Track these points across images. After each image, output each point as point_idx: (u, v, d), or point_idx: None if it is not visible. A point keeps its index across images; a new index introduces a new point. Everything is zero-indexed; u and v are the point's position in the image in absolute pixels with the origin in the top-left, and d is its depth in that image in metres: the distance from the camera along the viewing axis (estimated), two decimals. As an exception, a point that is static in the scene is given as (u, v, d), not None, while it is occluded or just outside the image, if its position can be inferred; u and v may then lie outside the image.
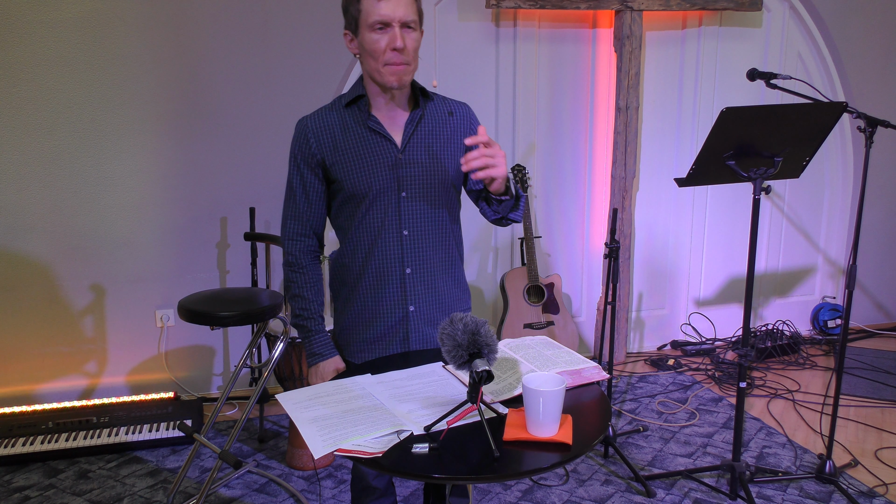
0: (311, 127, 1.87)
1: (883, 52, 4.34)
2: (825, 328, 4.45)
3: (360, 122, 1.86)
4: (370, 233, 1.87)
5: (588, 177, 4.06)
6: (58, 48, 3.25)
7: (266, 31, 3.46)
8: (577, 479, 2.91)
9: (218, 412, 2.76)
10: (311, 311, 1.92)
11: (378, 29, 1.74)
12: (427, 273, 1.90)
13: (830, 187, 4.46)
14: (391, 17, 1.73)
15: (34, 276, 3.39)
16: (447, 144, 1.89)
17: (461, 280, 2.01)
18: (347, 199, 1.87)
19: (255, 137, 3.54)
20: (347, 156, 1.85)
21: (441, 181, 1.88)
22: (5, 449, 3.01)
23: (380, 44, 1.75)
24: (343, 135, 1.86)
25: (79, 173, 3.37)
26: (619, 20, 3.78)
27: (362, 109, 1.86)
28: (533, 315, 3.73)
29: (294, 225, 1.93)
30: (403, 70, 1.77)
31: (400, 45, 1.73)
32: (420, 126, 1.87)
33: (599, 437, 1.42)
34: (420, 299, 1.90)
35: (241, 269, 3.63)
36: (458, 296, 1.99)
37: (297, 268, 1.93)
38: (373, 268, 1.88)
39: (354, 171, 1.84)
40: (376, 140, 1.85)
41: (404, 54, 1.75)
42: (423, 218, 1.88)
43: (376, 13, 1.73)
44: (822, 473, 2.84)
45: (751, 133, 2.46)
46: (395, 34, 1.73)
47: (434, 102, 1.92)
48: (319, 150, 1.86)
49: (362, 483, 2.12)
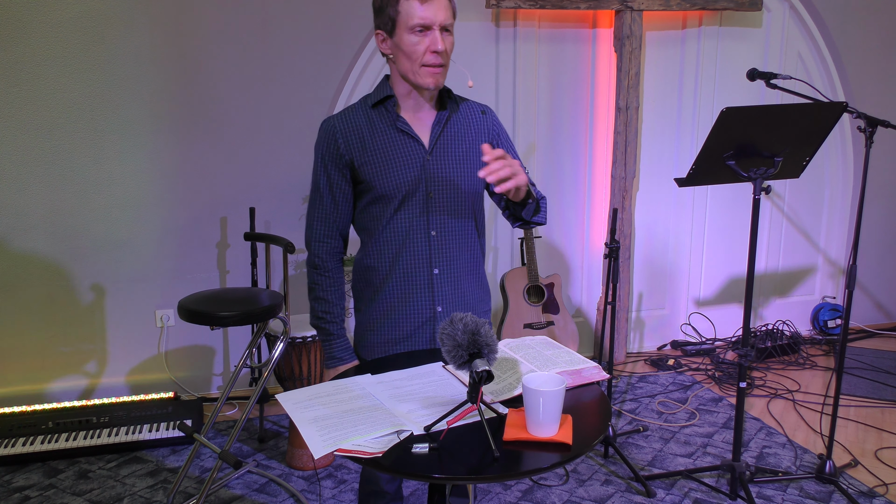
0: (340, 128, 1.87)
1: (883, 52, 4.34)
2: (825, 328, 4.45)
3: (389, 123, 1.86)
4: (398, 234, 1.87)
5: (588, 177, 4.06)
6: (58, 48, 3.25)
7: (266, 30, 3.46)
8: (577, 479, 2.91)
9: (218, 412, 2.76)
10: (333, 314, 1.93)
11: (418, 31, 1.76)
12: (453, 274, 1.92)
13: (830, 187, 4.46)
14: (432, 21, 1.74)
15: (34, 276, 3.39)
16: (473, 146, 1.91)
17: (484, 280, 2.03)
18: (375, 199, 1.87)
19: (256, 137, 3.54)
20: (376, 157, 1.85)
21: (467, 182, 1.89)
22: (5, 449, 3.02)
23: (419, 46, 1.76)
24: (371, 135, 1.86)
25: (79, 173, 3.37)
26: (619, 20, 3.78)
27: (390, 110, 1.86)
28: (533, 315, 3.73)
29: (321, 227, 1.92)
30: (440, 72, 1.80)
31: (441, 47, 1.76)
32: (447, 127, 1.89)
33: (599, 437, 1.42)
34: (447, 299, 1.91)
35: (241, 269, 3.63)
36: (482, 296, 2.01)
37: (323, 270, 1.93)
38: (401, 269, 1.89)
39: (384, 172, 1.84)
40: (405, 141, 1.85)
41: (443, 56, 1.78)
42: (451, 219, 1.89)
43: (417, 16, 1.74)
44: (822, 473, 2.84)
45: (751, 133, 2.46)
46: (436, 37, 1.75)
47: (459, 103, 1.94)
48: (348, 150, 1.86)
49: (372, 486, 2.10)
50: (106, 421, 3.21)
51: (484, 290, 2.02)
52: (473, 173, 1.90)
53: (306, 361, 2.94)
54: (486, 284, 2.05)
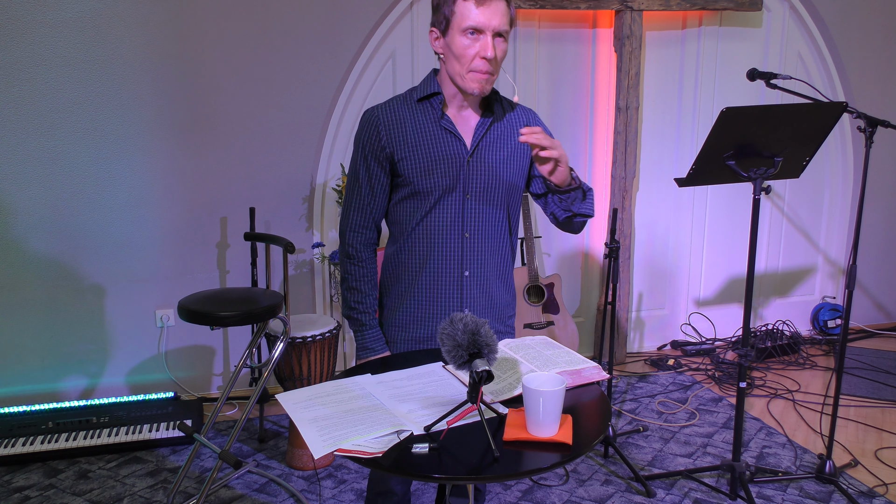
0: (383, 119, 1.84)
1: (883, 52, 4.34)
2: (825, 328, 4.45)
3: (433, 120, 1.84)
4: (432, 232, 1.86)
5: (588, 177, 4.06)
6: (58, 48, 3.25)
7: (266, 30, 3.46)
8: (577, 479, 2.91)
9: (218, 412, 2.76)
10: (366, 304, 1.92)
11: (470, 34, 1.73)
12: (483, 277, 1.90)
13: (830, 187, 4.46)
14: (486, 25, 1.71)
15: (34, 276, 3.39)
16: (514, 152, 1.89)
17: (511, 286, 2.01)
18: (411, 195, 1.86)
19: (256, 137, 3.54)
20: (417, 152, 1.83)
21: (506, 187, 1.88)
22: (5, 449, 3.01)
23: (470, 49, 1.73)
24: (414, 130, 1.84)
25: (79, 173, 3.37)
26: (619, 20, 3.78)
27: (436, 107, 1.84)
28: (533, 315, 3.73)
29: (357, 216, 1.91)
30: (487, 79, 1.76)
31: (491, 54, 1.72)
32: (491, 131, 1.87)
33: (599, 437, 1.42)
34: (475, 302, 1.90)
35: (241, 269, 3.63)
36: (508, 301, 1.99)
37: (357, 260, 1.92)
38: (431, 267, 1.88)
39: (423, 169, 1.83)
40: (448, 139, 1.84)
41: (492, 64, 1.74)
42: (485, 222, 1.88)
43: (471, 18, 1.71)
44: (822, 473, 2.84)
45: (751, 133, 2.46)
46: (487, 43, 1.72)
47: (505, 106, 1.92)
48: (390, 143, 1.84)
49: (381, 487, 2.08)
50: (106, 421, 3.21)
51: (511, 295, 2.01)
52: (513, 179, 1.89)
53: (306, 361, 2.94)
54: (514, 289, 2.03)
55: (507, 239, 1.96)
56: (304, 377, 2.96)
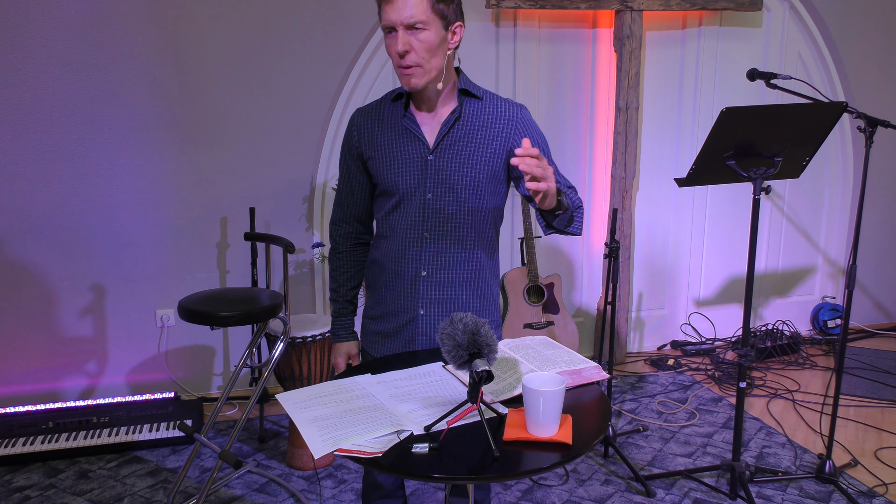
0: (357, 120, 1.92)
1: (883, 52, 4.34)
2: (825, 328, 4.45)
3: (397, 119, 1.86)
4: (394, 230, 1.88)
5: (588, 177, 4.06)
6: (58, 48, 3.25)
7: (266, 30, 3.46)
8: (577, 479, 2.91)
9: (218, 412, 2.76)
10: (338, 293, 2.04)
11: (388, 33, 1.75)
12: (444, 279, 1.87)
13: (830, 187, 4.46)
14: (395, 21, 1.71)
15: (34, 275, 3.39)
16: (483, 148, 1.83)
17: (488, 292, 1.94)
18: (381, 193, 1.92)
19: (256, 137, 3.54)
20: (381, 152, 1.87)
21: (471, 186, 1.83)
22: (5, 449, 3.02)
23: (391, 48, 1.75)
24: (380, 130, 1.87)
25: (79, 173, 3.37)
26: (619, 20, 3.78)
27: (402, 107, 1.86)
28: (533, 315, 3.73)
29: (337, 211, 2.02)
30: (412, 72, 1.74)
31: (400, 49, 1.71)
32: (455, 127, 1.83)
33: (599, 437, 1.42)
34: (432, 304, 1.88)
35: (241, 269, 3.63)
36: (481, 307, 1.92)
37: (335, 252, 2.04)
38: (392, 265, 1.90)
39: (385, 168, 1.86)
40: (408, 139, 1.84)
41: (408, 59, 1.72)
42: (446, 222, 1.85)
43: (384, 18, 1.74)
44: (822, 473, 2.84)
45: (751, 133, 2.46)
46: (396, 38, 1.72)
47: (483, 102, 1.85)
48: (359, 143, 1.91)
49: (370, 477, 2.13)
50: (106, 421, 3.21)
51: (486, 301, 1.93)
52: (481, 178, 1.83)
53: (306, 361, 2.94)
54: (493, 297, 1.96)
55: (479, 242, 1.89)
56: (304, 377, 2.96)
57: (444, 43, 1.75)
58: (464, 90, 1.84)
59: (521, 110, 1.87)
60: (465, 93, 1.85)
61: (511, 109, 1.86)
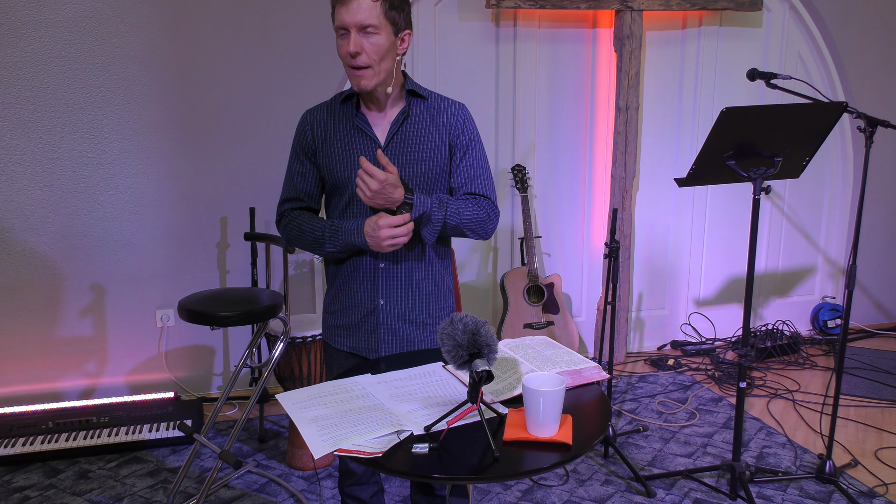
0: (309, 120, 1.97)
1: (883, 52, 4.34)
2: (825, 328, 4.45)
3: (349, 119, 1.92)
4: None
5: (588, 177, 4.06)
6: (58, 48, 3.25)
7: (266, 30, 3.46)
8: (577, 479, 2.91)
9: (218, 412, 2.76)
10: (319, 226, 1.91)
11: (341, 34, 1.79)
12: (401, 269, 1.93)
13: (830, 187, 4.46)
14: (348, 23, 1.76)
15: (34, 276, 3.39)
16: (430, 145, 1.92)
17: (442, 281, 2.01)
18: (332, 190, 1.96)
19: (256, 137, 3.54)
20: (333, 150, 1.92)
21: (421, 181, 1.91)
22: (5, 449, 3.01)
23: (342, 49, 1.80)
24: (333, 130, 1.93)
25: (79, 173, 3.37)
26: (619, 20, 3.78)
27: (353, 107, 1.92)
28: (533, 315, 3.73)
29: (287, 190, 2.01)
30: (362, 74, 1.80)
31: (352, 50, 1.76)
32: (405, 126, 1.91)
33: (599, 437, 1.42)
34: (391, 294, 1.94)
35: (241, 269, 3.63)
36: (437, 295, 2.00)
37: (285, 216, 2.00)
38: (350, 260, 1.95)
39: (336, 165, 1.91)
40: (360, 137, 1.91)
41: (359, 60, 1.77)
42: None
43: (337, 19, 1.79)
44: (822, 473, 2.84)
45: (751, 133, 2.46)
46: (348, 40, 1.77)
47: (428, 103, 1.94)
48: (313, 141, 1.96)
49: (343, 465, 2.16)
50: (106, 421, 3.21)
51: (442, 290, 2.01)
52: (430, 173, 1.91)
53: (306, 361, 2.94)
54: (447, 285, 2.03)
55: None
56: (304, 377, 2.96)
57: (393, 48, 1.83)
58: (411, 91, 1.92)
59: (462, 109, 1.97)
60: (413, 93, 1.93)
61: (454, 107, 1.96)
